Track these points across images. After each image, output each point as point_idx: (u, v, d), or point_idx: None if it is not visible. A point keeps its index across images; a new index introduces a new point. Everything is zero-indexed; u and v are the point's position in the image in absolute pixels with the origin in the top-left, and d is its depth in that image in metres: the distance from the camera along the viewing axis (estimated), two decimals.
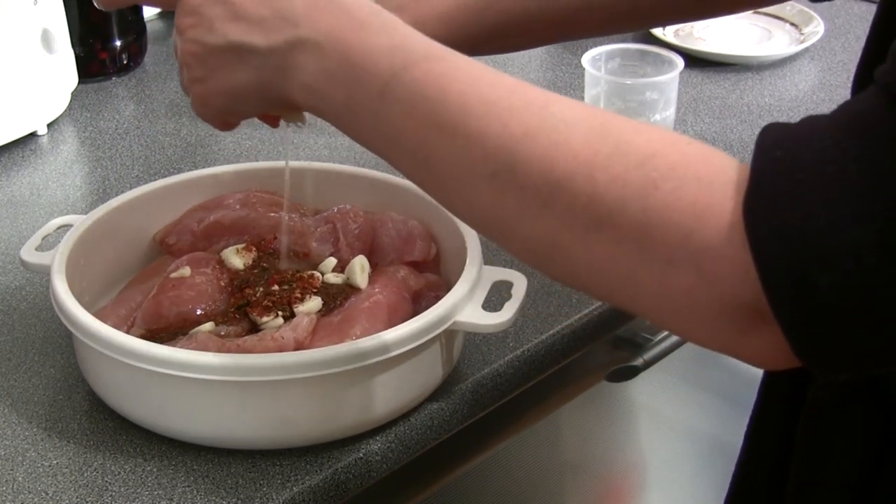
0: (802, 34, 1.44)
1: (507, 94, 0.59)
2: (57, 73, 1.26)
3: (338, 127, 0.66)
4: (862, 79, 0.71)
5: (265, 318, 0.86)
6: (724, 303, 0.53)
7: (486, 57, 1.44)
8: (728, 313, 0.53)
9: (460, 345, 0.89)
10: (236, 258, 0.92)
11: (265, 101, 0.70)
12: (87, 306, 0.85)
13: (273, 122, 0.79)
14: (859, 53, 0.67)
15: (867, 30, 0.72)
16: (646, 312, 0.57)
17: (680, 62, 1.18)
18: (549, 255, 0.58)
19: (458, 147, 0.59)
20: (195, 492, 0.79)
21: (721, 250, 0.52)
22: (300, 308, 0.87)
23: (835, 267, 0.49)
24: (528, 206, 0.57)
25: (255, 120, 0.77)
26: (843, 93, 1.32)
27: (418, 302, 0.89)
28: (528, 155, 0.57)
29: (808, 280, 0.50)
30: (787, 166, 0.51)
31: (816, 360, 0.53)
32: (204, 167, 1.06)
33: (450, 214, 0.77)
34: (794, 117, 1.29)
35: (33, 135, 1.25)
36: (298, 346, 0.82)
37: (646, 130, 0.56)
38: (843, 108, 0.53)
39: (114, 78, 1.38)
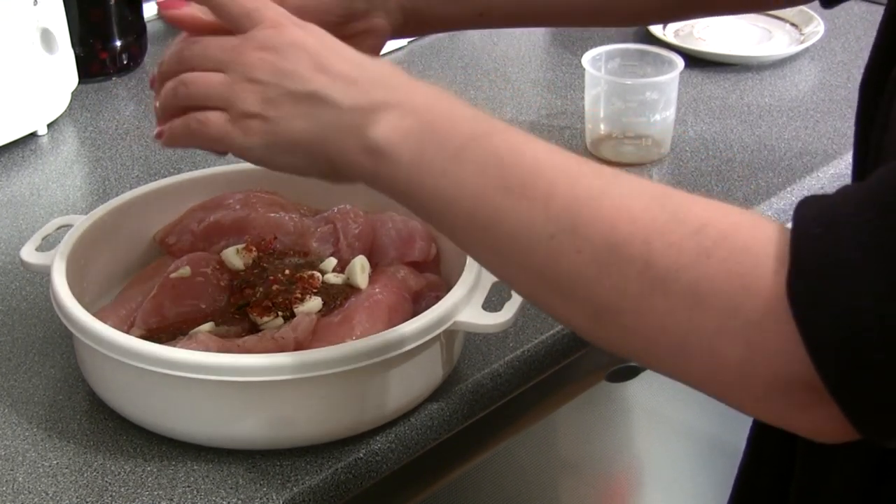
0: (802, 34, 1.44)
1: (577, 163, 0.60)
2: (57, 73, 1.26)
3: (389, 191, 0.65)
4: (869, 85, 0.71)
5: (265, 319, 0.86)
6: (775, 377, 0.53)
7: (487, 60, 1.43)
8: (781, 388, 0.53)
9: (460, 345, 0.89)
10: (236, 258, 0.92)
11: (313, 160, 0.67)
12: (88, 306, 0.85)
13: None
14: (859, 53, 0.67)
15: (867, 30, 0.72)
16: (699, 385, 0.57)
17: (680, 62, 1.18)
18: (600, 321, 0.58)
19: (523, 208, 0.59)
20: (195, 492, 0.79)
21: (768, 325, 0.52)
22: (300, 308, 0.87)
23: (882, 341, 0.49)
24: (585, 269, 0.57)
25: None
26: (843, 93, 1.32)
27: (418, 302, 0.89)
28: (590, 217, 0.57)
29: (860, 355, 0.50)
30: (827, 243, 0.51)
31: (877, 432, 0.53)
32: (204, 167, 1.06)
33: None
34: (795, 117, 1.29)
35: (33, 135, 1.25)
36: (298, 347, 0.82)
37: (702, 201, 0.57)
38: (879, 178, 0.53)
39: (114, 78, 1.38)
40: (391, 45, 1.43)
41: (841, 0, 0.92)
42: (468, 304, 0.84)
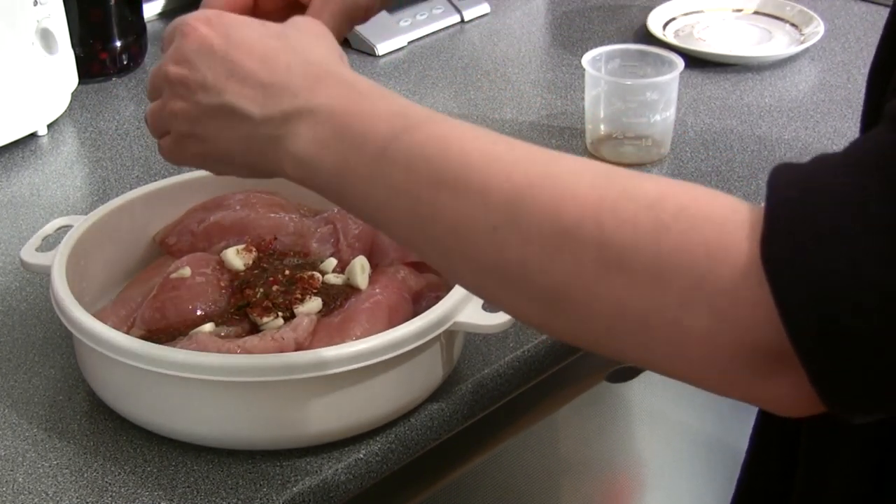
0: (802, 35, 1.44)
1: (509, 149, 0.58)
2: (57, 73, 1.26)
3: (327, 197, 0.64)
4: (873, 88, 0.71)
5: (265, 319, 0.86)
6: (741, 346, 0.51)
7: (487, 60, 1.44)
8: (746, 358, 0.52)
9: (460, 345, 0.89)
10: (236, 259, 0.92)
11: (251, 171, 0.68)
12: (88, 307, 0.85)
13: None
14: (859, 54, 0.67)
15: (867, 30, 0.72)
16: (659, 364, 0.55)
17: (680, 63, 1.18)
18: (556, 309, 0.55)
19: (459, 203, 0.57)
20: (195, 492, 0.79)
21: (737, 291, 0.51)
22: (300, 309, 0.87)
23: (860, 306, 0.48)
24: (534, 259, 0.55)
25: None
26: (843, 93, 1.32)
27: (419, 302, 0.89)
28: (532, 205, 0.55)
29: (834, 320, 0.49)
30: (803, 206, 0.50)
31: (842, 402, 0.51)
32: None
33: None
34: (795, 117, 1.29)
35: (33, 135, 1.25)
36: (299, 347, 0.82)
37: (652, 177, 0.55)
38: (856, 146, 0.52)
39: (114, 78, 1.38)
40: (391, 44, 1.43)
41: None
42: (468, 304, 0.84)
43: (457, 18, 1.52)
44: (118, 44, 1.37)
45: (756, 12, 1.50)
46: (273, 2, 0.83)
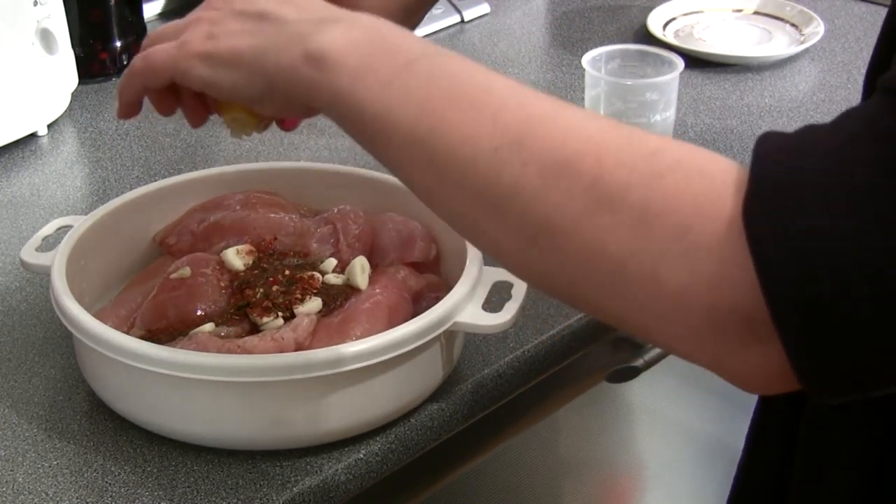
0: (802, 35, 1.44)
1: (532, 90, 0.58)
2: (57, 73, 1.26)
3: (327, 102, 0.61)
4: (872, 85, 0.71)
5: (265, 319, 0.86)
6: (715, 306, 0.50)
7: (487, 60, 1.44)
8: (720, 321, 0.51)
9: (460, 345, 0.89)
10: (236, 259, 0.92)
11: (250, 75, 0.65)
12: (88, 307, 0.85)
13: (199, 119, 0.75)
14: (859, 54, 0.67)
15: (867, 30, 0.72)
16: (631, 318, 0.54)
17: (680, 63, 1.18)
18: (536, 243, 0.55)
19: (469, 119, 0.56)
20: (195, 493, 0.79)
21: (718, 250, 0.50)
22: (300, 309, 0.87)
23: (840, 271, 0.47)
24: (528, 184, 0.54)
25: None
26: (843, 93, 1.32)
27: (418, 302, 0.89)
28: (540, 131, 0.55)
29: (813, 284, 0.48)
30: (788, 169, 0.50)
31: (816, 371, 0.50)
32: (204, 168, 1.06)
33: None
34: (795, 118, 1.29)
35: (33, 135, 1.25)
36: (299, 347, 0.82)
37: (657, 134, 0.55)
38: (845, 115, 0.52)
39: (114, 78, 1.38)
40: None
41: None
42: (468, 304, 0.84)
43: (457, 18, 1.52)
44: (118, 44, 1.37)
45: (756, 12, 1.50)
46: None
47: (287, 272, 0.91)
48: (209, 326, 0.86)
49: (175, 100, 0.73)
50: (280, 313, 0.86)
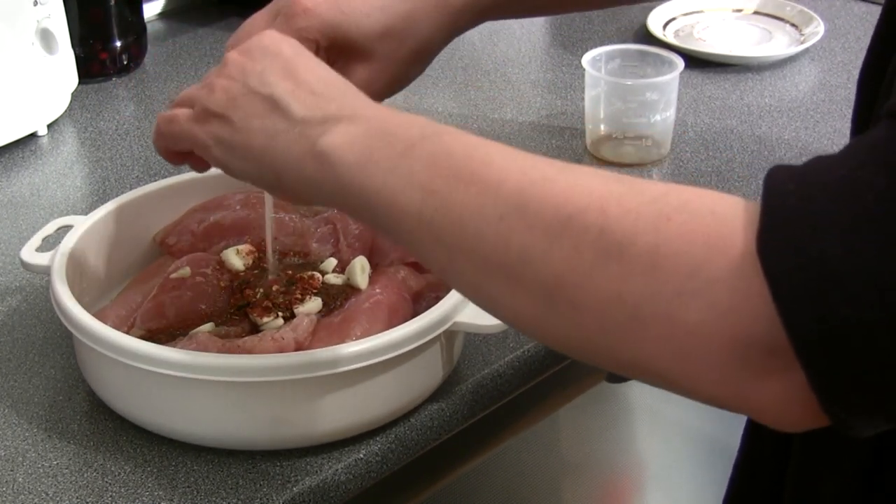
0: (802, 35, 1.44)
1: (531, 156, 0.59)
2: (57, 73, 1.26)
3: (332, 198, 0.64)
4: (865, 85, 0.71)
5: (265, 319, 0.86)
6: (735, 339, 0.51)
7: (487, 60, 1.44)
8: (740, 353, 0.51)
9: (460, 345, 0.89)
10: (236, 259, 0.92)
11: (261, 168, 0.68)
12: (88, 307, 0.85)
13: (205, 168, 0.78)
14: (859, 53, 0.67)
15: (867, 30, 0.72)
16: (650, 363, 0.54)
17: (680, 63, 1.18)
18: (550, 302, 0.55)
19: (472, 194, 0.58)
20: (195, 492, 0.79)
21: (734, 282, 0.50)
22: (300, 309, 0.87)
23: (856, 295, 0.48)
24: (536, 245, 0.55)
25: None
26: (843, 93, 1.32)
27: (419, 302, 0.89)
28: (542, 194, 0.56)
29: (830, 309, 0.48)
30: (800, 198, 0.50)
31: (839, 400, 0.50)
32: None
33: None
34: (795, 118, 1.29)
35: (33, 135, 1.25)
36: (299, 347, 0.82)
37: (660, 182, 0.56)
38: (853, 144, 0.52)
39: (114, 78, 1.38)
40: None
41: None
42: (468, 304, 0.84)
43: None
44: (118, 44, 1.37)
45: (756, 12, 1.50)
46: None
47: (287, 272, 0.91)
48: (209, 326, 0.86)
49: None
50: (280, 313, 0.87)
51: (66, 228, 0.93)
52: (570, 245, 0.54)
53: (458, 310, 0.83)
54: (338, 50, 0.84)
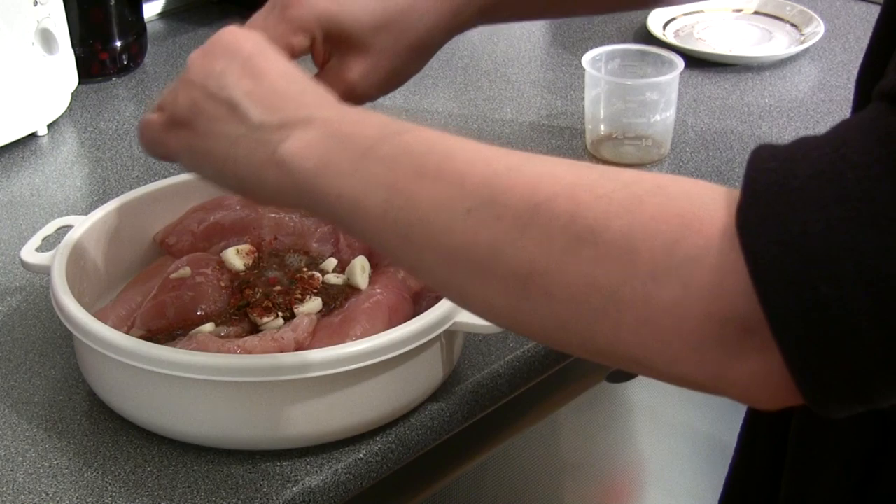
0: (802, 35, 1.44)
1: (492, 148, 0.58)
2: (57, 73, 1.26)
3: (296, 201, 0.63)
4: (864, 84, 0.71)
5: (265, 319, 0.86)
6: (713, 317, 0.50)
7: (487, 60, 1.44)
8: (717, 332, 0.50)
9: (460, 345, 0.89)
10: (236, 259, 0.92)
11: (223, 175, 0.67)
12: (87, 307, 0.85)
13: None
14: (859, 54, 0.67)
15: (867, 30, 0.72)
16: (626, 347, 0.53)
17: (680, 63, 1.18)
18: (524, 292, 0.54)
19: (436, 188, 0.57)
20: (195, 492, 0.79)
21: (710, 259, 0.50)
22: (300, 309, 0.87)
23: (835, 272, 0.47)
24: (505, 235, 0.54)
25: None
26: (843, 93, 1.32)
27: (419, 302, 0.89)
28: (509, 184, 0.55)
29: (808, 286, 0.47)
30: (782, 175, 0.49)
31: (815, 379, 0.49)
32: None
33: None
34: (795, 118, 1.29)
35: (33, 135, 1.25)
36: (299, 347, 0.82)
37: (633, 170, 0.55)
38: (839, 125, 0.52)
39: (114, 78, 1.38)
40: None
41: None
42: None
43: None
44: (118, 44, 1.37)
45: (756, 12, 1.50)
46: None
47: (287, 272, 0.91)
48: (209, 326, 0.86)
49: None
50: (280, 313, 0.87)
51: (66, 228, 0.93)
52: (541, 233, 0.53)
53: (458, 310, 0.83)
54: (334, 42, 0.83)
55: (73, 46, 1.29)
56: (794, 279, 0.48)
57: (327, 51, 0.83)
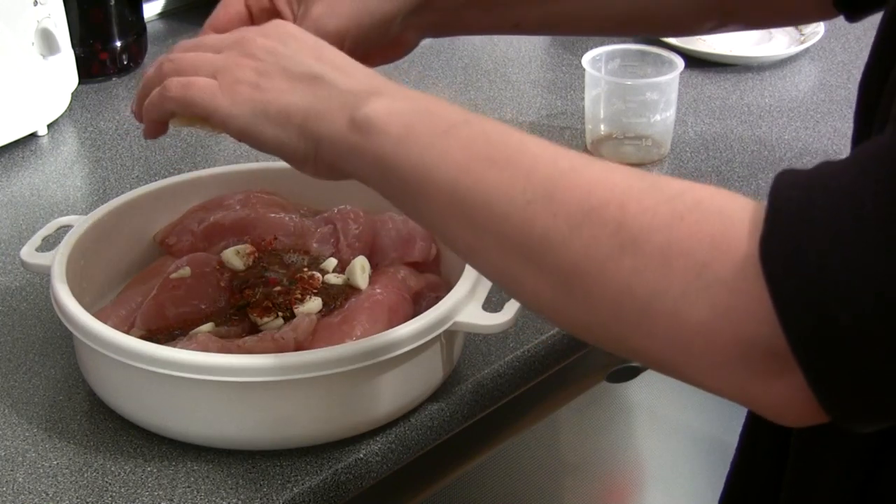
0: (802, 35, 1.44)
1: (562, 148, 0.61)
2: (57, 73, 1.26)
3: (370, 166, 0.64)
4: (868, 86, 0.71)
5: (265, 319, 0.86)
6: (737, 340, 0.52)
7: (487, 60, 1.43)
8: (742, 354, 0.52)
9: (460, 345, 0.89)
10: (236, 259, 0.92)
11: (298, 135, 0.67)
12: (88, 307, 0.85)
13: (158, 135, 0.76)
14: (859, 54, 0.67)
15: (867, 30, 0.72)
16: (660, 355, 0.56)
17: (680, 63, 1.18)
18: (567, 287, 0.57)
19: (505, 177, 0.59)
20: (195, 493, 0.79)
21: (736, 283, 0.52)
22: (300, 309, 0.87)
23: (853, 301, 0.49)
24: (557, 232, 0.57)
25: None
26: (843, 93, 1.32)
27: (419, 302, 0.89)
28: (569, 184, 0.58)
29: (827, 315, 0.49)
30: (802, 204, 0.51)
31: (839, 404, 0.51)
32: (204, 167, 1.06)
33: None
34: (795, 118, 1.29)
35: (34, 135, 1.25)
36: (299, 347, 0.82)
37: (680, 180, 0.57)
38: (859, 150, 0.53)
39: (114, 78, 1.38)
40: None
41: (865, 14, 0.92)
42: (468, 304, 0.84)
43: None
44: (118, 44, 1.37)
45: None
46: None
47: (287, 272, 0.91)
48: (209, 326, 0.86)
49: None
50: (280, 313, 0.87)
51: (66, 228, 0.93)
52: (589, 235, 0.56)
53: (458, 310, 0.83)
54: None
55: (73, 46, 1.29)
56: (813, 309, 0.49)
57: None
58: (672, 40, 1.41)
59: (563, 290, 0.57)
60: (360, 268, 0.90)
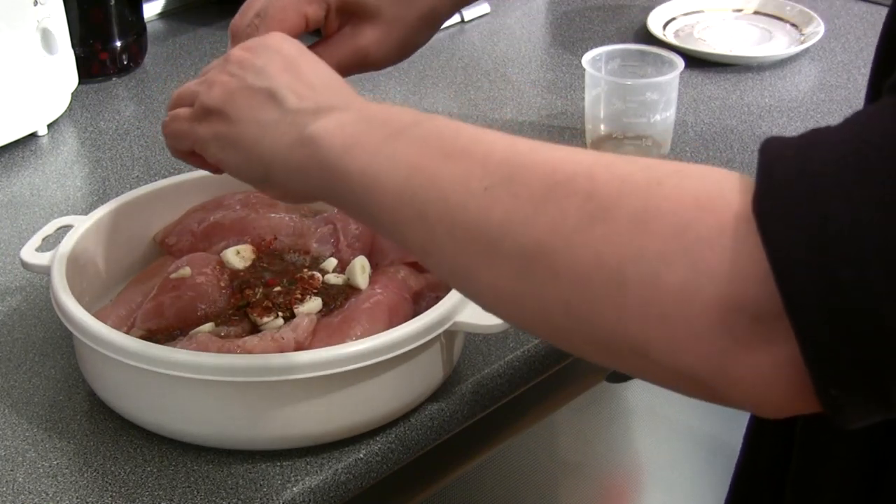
0: (802, 35, 1.44)
1: (523, 138, 0.58)
2: (57, 73, 1.26)
3: (318, 183, 0.64)
4: (875, 84, 0.70)
5: (265, 319, 0.86)
6: (721, 302, 0.48)
7: (487, 60, 1.43)
8: (725, 318, 0.48)
9: (460, 345, 0.89)
10: (236, 259, 0.92)
11: (250, 160, 0.68)
12: (88, 307, 0.85)
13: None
14: (859, 54, 0.67)
15: (867, 30, 0.72)
16: (628, 330, 0.51)
17: (680, 63, 1.18)
18: (529, 272, 0.54)
19: (459, 169, 0.57)
20: (195, 492, 0.79)
21: (722, 241, 0.48)
22: (300, 309, 0.87)
23: (856, 254, 0.46)
24: (519, 212, 0.54)
25: None
26: (843, 93, 1.32)
27: (419, 302, 0.89)
28: (531, 164, 0.55)
29: (827, 268, 0.46)
30: (800, 161, 0.49)
31: (832, 374, 0.47)
32: None
33: None
34: (795, 118, 1.29)
35: (33, 135, 1.25)
36: (299, 347, 0.82)
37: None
38: (852, 116, 0.51)
39: (114, 78, 1.38)
40: None
41: None
42: (468, 304, 0.84)
43: (457, 18, 1.52)
44: (118, 44, 1.37)
45: (756, 12, 1.50)
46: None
47: (287, 272, 0.91)
48: (209, 326, 0.86)
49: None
50: (280, 313, 0.87)
51: (66, 228, 0.93)
52: (555, 210, 0.53)
53: (458, 310, 0.83)
54: (348, 12, 0.87)
55: (73, 46, 1.29)
56: (814, 262, 0.46)
57: (341, 22, 0.87)
58: (672, 40, 1.41)
59: (525, 275, 0.54)
60: (360, 268, 0.90)
